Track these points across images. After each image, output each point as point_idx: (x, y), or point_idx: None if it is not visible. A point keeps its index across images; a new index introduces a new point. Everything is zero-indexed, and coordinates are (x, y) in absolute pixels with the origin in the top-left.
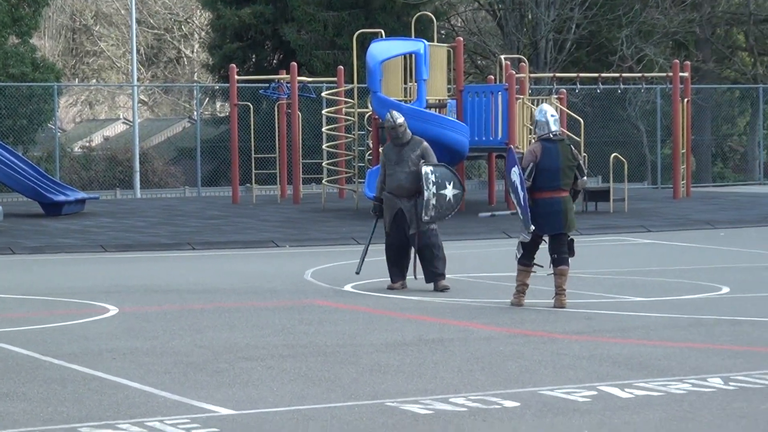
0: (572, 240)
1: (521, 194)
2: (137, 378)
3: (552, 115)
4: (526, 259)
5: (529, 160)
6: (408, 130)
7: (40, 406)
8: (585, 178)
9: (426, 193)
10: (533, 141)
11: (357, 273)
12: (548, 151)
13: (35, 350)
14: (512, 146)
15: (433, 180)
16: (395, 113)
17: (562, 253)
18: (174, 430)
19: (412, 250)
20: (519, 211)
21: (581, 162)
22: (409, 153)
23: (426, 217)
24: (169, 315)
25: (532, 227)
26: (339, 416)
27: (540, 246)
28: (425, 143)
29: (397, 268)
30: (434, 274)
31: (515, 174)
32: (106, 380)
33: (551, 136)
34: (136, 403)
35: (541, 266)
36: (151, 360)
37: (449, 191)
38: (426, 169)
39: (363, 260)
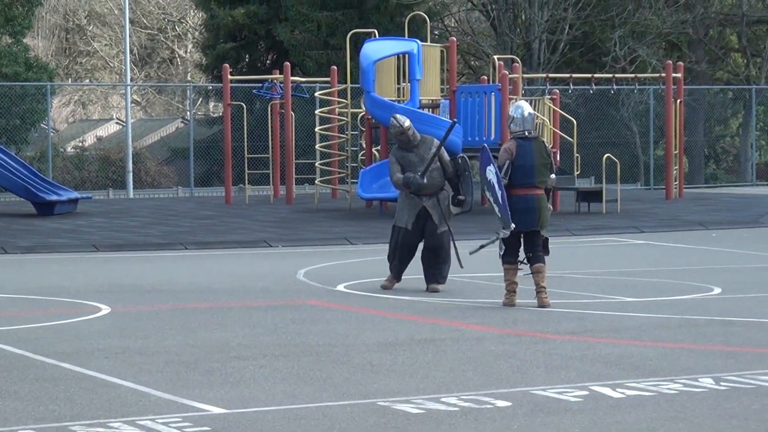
0: (546, 239)
1: (499, 192)
2: (129, 377)
3: (529, 113)
4: (510, 257)
5: (505, 158)
6: (416, 131)
7: (32, 404)
8: (554, 176)
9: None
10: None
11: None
12: (523, 148)
13: (27, 349)
14: (485, 145)
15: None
16: (400, 117)
17: (537, 251)
18: (166, 428)
19: (419, 250)
20: (497, 210)
21: (552, 160)
22: (423, 153)
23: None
24: (161, 314)
25: (513, 225)
26: (331, 415)
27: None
28: (436, 140)
29: (402, 267)
30: (440, 276)
31: (491, 173)
32: (98, 379)
33: (526, 133)
34: (128, 401)
35: (527, 263)
36: (143, 359)
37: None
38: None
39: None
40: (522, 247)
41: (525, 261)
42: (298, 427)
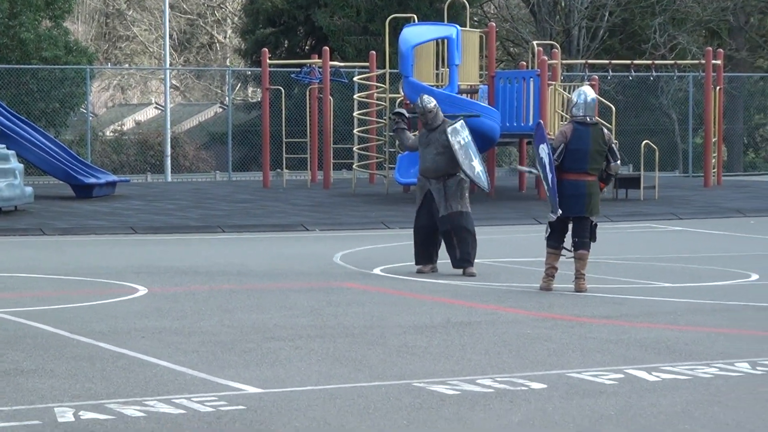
0: (595, 225)
1: (549, 176)
2: (165, 356)
3: (592, 99)
4: (554, 241)
5: (560, 141)
6: (439, 115)
7: (69, 382)
8: (618, 162)
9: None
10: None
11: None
12: (579, 133)
13: (64, 328)
14: (541, 121)
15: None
16: (426, 98)
17: (583, 237)
18: (201, 407)
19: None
20: (547, 190)
21: (614, 147)
22: (438, 137)
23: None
24: (197, 295)
25: (560, 211)
26: (365, 395)
27: (569, 228)
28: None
29: (424, 251)
30: (463, 259)
31: (544, 152)
32: (134, 358)
33: (587, 119)
34: (163, 380)
35: (570, 251)
36: (180, 339)
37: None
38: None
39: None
40: (570, 233)
41: (570, 248)
42: (333, 407)
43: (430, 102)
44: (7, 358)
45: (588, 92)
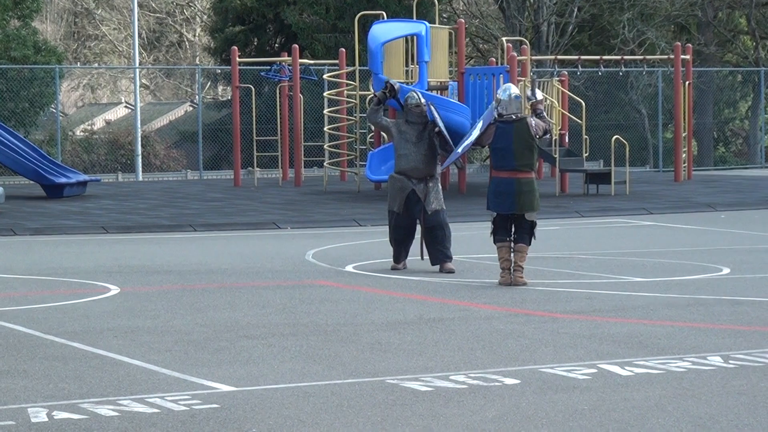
0: (533, 224)
1: (459, 149)
2: (138, 356)
3: (516, 96)
4: (499, 236)
5: (481, 140)
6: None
7: (42, 382)
8: (547, 136)
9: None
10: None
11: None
12: (501, 131)
13: (37, 329)
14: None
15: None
16: (416, 92)
17: (521, 233)
18: (175, 406)
19: (418, 231)
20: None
21: (544, 120)
22: (428, 134)
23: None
24: (170, 294)
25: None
26: (339, 393)
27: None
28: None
29: (403, 249)
30: (443, 255)
31: (476, 128)
32: (107, 358)
33: (512, 117)
34: (137, 380)
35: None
36: (152, 338)
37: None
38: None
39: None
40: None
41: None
42: (306, 405)
43: (422, 97)
44: None
45: (512, 89)
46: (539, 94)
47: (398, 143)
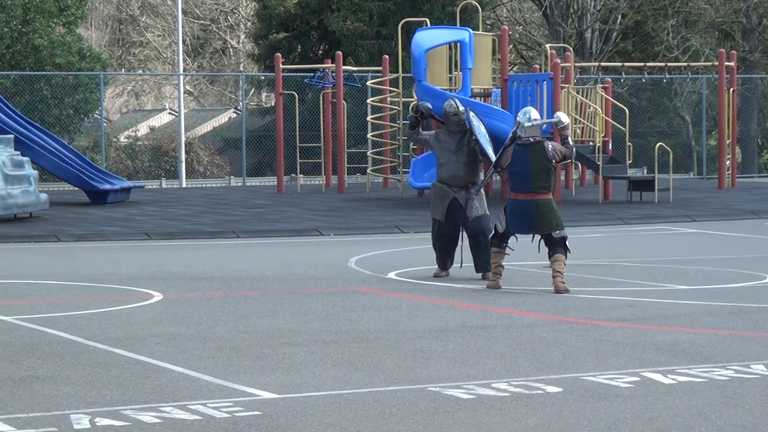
0: (563, 238)
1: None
2: (181, 362)
3: (534, 119)
4: (497, 240)
5: (500, 161)
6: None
7: (84, 389)
8: (571, 143)
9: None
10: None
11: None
12: (518, 154)
13: (80, 335)
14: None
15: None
16: (453, 101)
17: (555, 246)
18: (217, 413)
19: (461, 239)
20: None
21: (568, 143)
22: (467, 142)
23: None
24: (212, 301)
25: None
26: (381, 400)
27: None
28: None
29: (448, 256)
30: (487, 262)
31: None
32: (149, 364)
33: (530, 139)
34: (179, 386)
35: (513, 249)
36: (195, 345)
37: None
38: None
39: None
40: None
41: (512, 248)
42: (348, 412)
43: (461, 104)
44: (23, 365)
45: (532, 113)
46: (565, 118)
47: (438, 152)
